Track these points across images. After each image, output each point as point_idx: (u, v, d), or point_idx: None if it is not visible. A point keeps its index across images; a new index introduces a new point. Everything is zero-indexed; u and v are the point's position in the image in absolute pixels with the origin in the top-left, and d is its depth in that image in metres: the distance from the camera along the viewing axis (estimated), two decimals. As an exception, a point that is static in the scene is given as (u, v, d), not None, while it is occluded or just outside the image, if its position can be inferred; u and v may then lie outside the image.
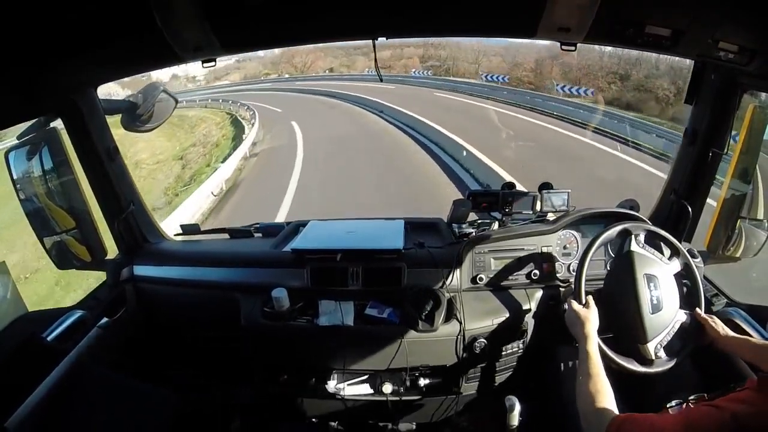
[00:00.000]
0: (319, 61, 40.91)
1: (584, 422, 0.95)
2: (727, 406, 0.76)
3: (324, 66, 41.08)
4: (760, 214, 1.47)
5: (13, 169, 1.42)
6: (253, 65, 44.11)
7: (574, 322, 1.21)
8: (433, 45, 33.05)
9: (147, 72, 1.56)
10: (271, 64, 42.05)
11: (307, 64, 40.87)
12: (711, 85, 1.39)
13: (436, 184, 7.84)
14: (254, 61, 43.97)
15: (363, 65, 38.45)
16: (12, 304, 1.58)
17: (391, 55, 37.11)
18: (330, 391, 1.74)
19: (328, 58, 41.23)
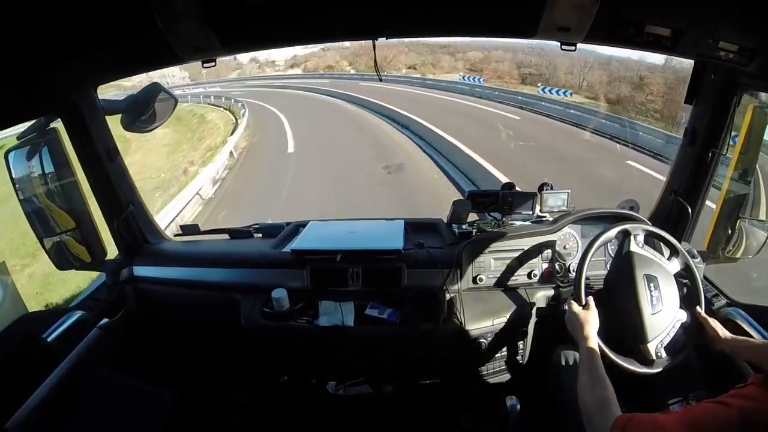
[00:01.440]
0: (401, 56, 38.08)
1: (587, 424, 0.95)
2: (733, 402, 0.76)
3: (407, 62, 38.37)
4: (760, 214, 1.47)
5: (13, 169, 1.42)
6: (331, 54, 43.30)
7: (575, 324, 1.21)
8: (525, 52, 29.23)
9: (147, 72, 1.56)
10: (352, 54, 40.36)
11: (388, 59, 36.86)
12: (711, 85, 1.40)
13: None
14: (332, 51, 43.16)
15: (449, 64, 35.90)
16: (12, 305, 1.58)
17: (483, 58, 35.00)
18: (330, 391, 1.74)
19: (412, 53, 38.62)
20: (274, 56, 45.88)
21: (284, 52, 45.18)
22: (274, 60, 45.87)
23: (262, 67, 46.88)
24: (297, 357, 1.66)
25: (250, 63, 46.22)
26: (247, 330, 1.59)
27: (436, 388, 1.68)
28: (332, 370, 1.73)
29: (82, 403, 1.30)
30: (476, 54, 36.49)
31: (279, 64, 45.77)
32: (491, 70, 32.43)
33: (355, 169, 9.33)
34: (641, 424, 0.81)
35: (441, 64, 36.96)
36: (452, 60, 36.60)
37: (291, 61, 46.09)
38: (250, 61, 46.22)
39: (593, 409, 0.94)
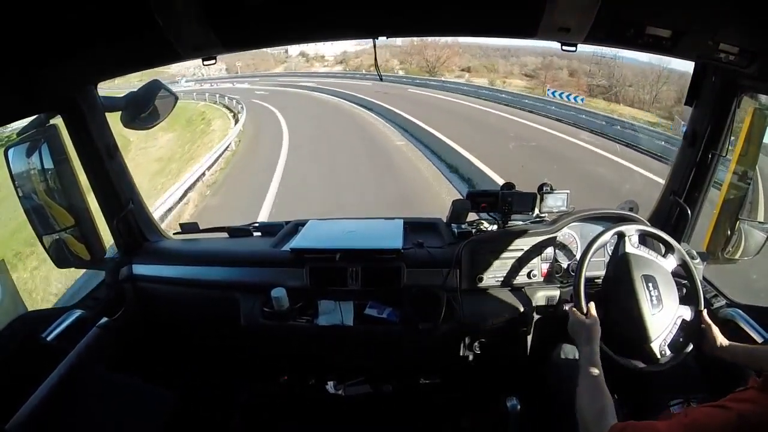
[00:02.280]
0: (455, 58, 35.30)
1: (583, 430, 0.95)
2: (731, 405, 0.76)
3: (460, 64, 35.33)
4: (760, 215, 1.48)
5: (13, 166, 1.41)
6: (380, 52, 41.71)
7: (577, 331, 1.21)
8: (596, 61, 24.14)
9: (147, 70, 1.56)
10: (403, 53, 37.47)
11: (440, 59, 34.96)
12: (711, 87, 1.40)
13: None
14: (382, 48, 41.50)
15: (504, 68, 33.19)
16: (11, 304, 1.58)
17: (541, 64, 31.90)
18: (329, 390, 1.75)
19: (466, 55, 35.82)
20: (323, 51, 42.90)
21: (334, 47, 41.92)
22: (324, 55, 43.23)
23: (311, 61, 44.81)
24: (296, 356, 1.66)
25: (298, 57, 44.48)
26: (246, 329, 1.59)
27: (436, 388, 1.68)
28: (332, 369, 1.74)
29: (82, 402, 1.30)
30: (533, 59, 33.20)
31: (328, 59, 43.20)
32: (550, 78, 29.12)
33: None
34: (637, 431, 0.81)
35: (496, 67, 34.49)
36: (506, 63, 34.15)
37: (340, 57, 43.39)
38: (299, 55, 44.46)
39: (590, 418, 0.95)
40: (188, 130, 17.32)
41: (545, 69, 31.20)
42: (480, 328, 1.56)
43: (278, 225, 1.92)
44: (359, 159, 9.87)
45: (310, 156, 10.33)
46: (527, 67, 33.42)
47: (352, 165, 9.38)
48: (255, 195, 7.39)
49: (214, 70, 43.71)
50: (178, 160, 12.69)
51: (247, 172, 9.52)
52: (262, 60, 45.94)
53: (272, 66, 45.12)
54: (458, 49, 34.83)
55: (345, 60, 42.80)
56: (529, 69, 33.13)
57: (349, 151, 10.78)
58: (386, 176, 8.49)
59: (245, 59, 45.14)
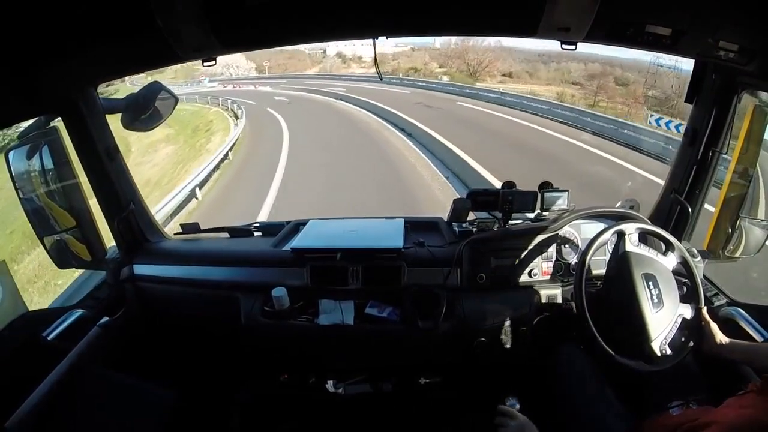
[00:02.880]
0: (497, 62, 32.63)
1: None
2: (727, 412, 0.75)
3: (503, 68, 32.54)
4: (760, 213, 1.48)
5: (13, 168, 1.42)
6: (419, 55, 38.58)
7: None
8: (653, 71, 20.47)
9: (147, 71, 1.56)
10: (443, 56, 35.62)
11: (482, 63, 32.37)
12: (711, 85, 1.40)
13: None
14: (421, 50, 38.31)
15: (547, 75, 30.54)
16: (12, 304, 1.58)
17: (585, 72, 28.98)
18: (330, 390, 1.75)
19: (509, 60, 32.98)
20: (361, 51, 40.41)
21: (371, 48, 40.92)
22: (361, 56, 40.61)
23: (348, 62, 42.47)
24: (297, 356, 1.66)
25: (335, 58, 42.56)
26: (247, 329, 1.59)
27: (436, 388, 1.68)
28: (332, 368, 1.74)
29: (82, 402, 1.30)
30: (575, 65, 30.24)
31: (366, 61, 39.82)
32: (598, 89, 25.73)
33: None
34: None
35: (538, 74, 31.34)
36: (547, 70, 31.56)
37: (378, 58, 42.06)
38: (336, 56, 42.55)
39: None
40: (189, 144, 15.98)
41: (592, 77, 28.04)
42: (480, 328, 1.56)
43: (279, 225, 1.92)
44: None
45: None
46: (571, 74, 30.66)
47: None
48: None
49: (243, 69, 42.49)
50: (163, 186, 10.35)
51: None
52: (298, 60, 44.43)
53: (308, 66, 43.44)
54: (502, 53, 32.11)
55: (382, 61, 40.43)
56: (573, 76, 30.27)
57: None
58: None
59: (277, 58, 43.55)
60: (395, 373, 1.75)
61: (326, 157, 9.87)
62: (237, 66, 43.18)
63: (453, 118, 13.76)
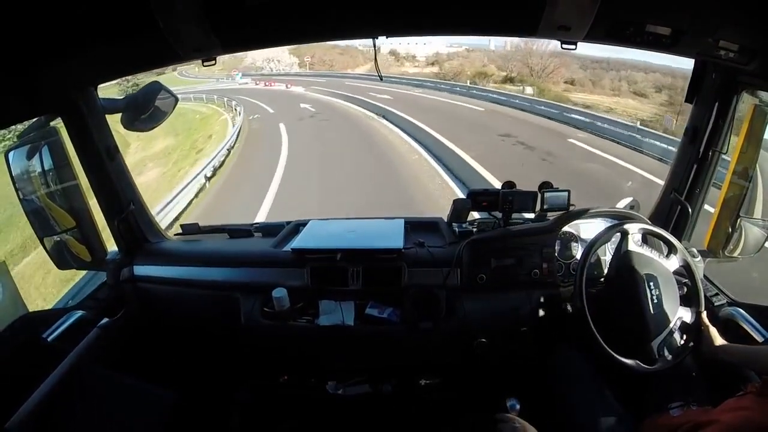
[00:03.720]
0: (562, 69, 28.84)
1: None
2: (723, 415, 0.75)
3: (566, 75, 29.13)
4: (761, 213, 1.47)
5: (13, 168, 1.42)
6: (477, 56, 34.78)
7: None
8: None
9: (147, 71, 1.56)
10: (502, 58, 32.11)
11: (546, 69, 28.85)
12: (711, 85, 1.40)
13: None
14: (478, 51, 34.60)
15: (610, 84, 27.26)
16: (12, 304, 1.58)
17: (651, 83, 25.64)
18: (330, 390, 1.74)
19: (573, 66, 29.16)
20: (415, 51, 38.16)
21: (426, 47, 37.75)
22: (414, 55, 38.20)
23: (401, 60, 39.22)
24: (297, 356, 1.66)
25: (388, 55, 38.02)
26: (247, 329, 1.59)
27: (436, 388, 1.68)
28: (332, 369, 1.73)
29: (82, 403, 1.30)
30: (642, 75, 26.87)
31: (419, 60, 37.96)
32: (668, 102, 21.90)
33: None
34: None
35: (601, 82, 27.93)
36: (611, 79, 28.14)
37: (432, 58, 37.96)
38: (389, 54, 38.25)
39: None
40: (177, 166, 12.52)
41: (657, 87, 24.96)
42: (480, 328, 1.56)
43: (279, 225, 1.92)
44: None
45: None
46: (637, 85, 27.21)
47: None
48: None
49: (285, 64, 40.36)
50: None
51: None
52: (350, 57, 40.58)
53: (359, 63, 39.46)
54: (567, 59, 27.55)
55: (438, 62, 37.33)
56: (639, 87, 26.91)
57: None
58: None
59: (323, 53, 40.35)
60: (395, 373, 1.74)
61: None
62: (278, 60, 41.42)
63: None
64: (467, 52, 37.14)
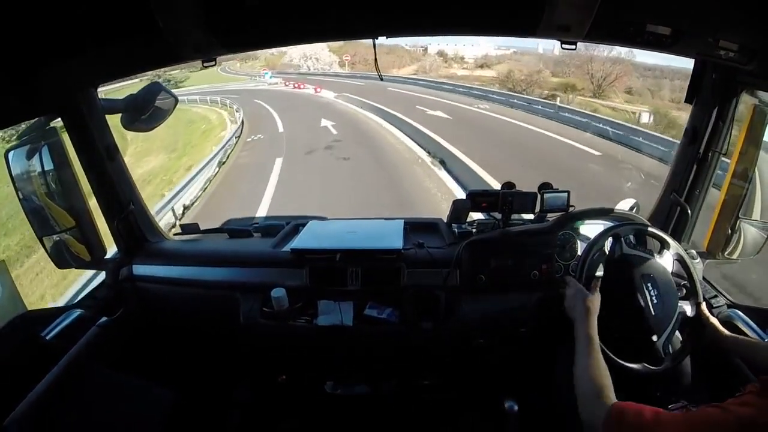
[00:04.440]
0: (625, 77, 25.53)
1: (582, 408, 0.94)
2: (732, 408, 0.76)
3: (627, 84, 25.65)
4: (760, 214, 1.47)
5: (13, 168, 1.42)
6: (530, 61, 30.81)
7: (575, 304, 1.19)
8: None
9: (147, 72, 1.56)
10: (560, 63, 28.29)
11: (608, 78, 25.34)
12: (711, 85, 1.39)
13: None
14: (531, 55, 30.85)
15: (671, 95, 22.21)
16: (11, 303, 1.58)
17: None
18: (328, 390, 1.74)
19: (634, 76, 25.93)
20: (464, 52, 35.55)
21: (474, 49, 35.21)
22: (463, 56, 35.69)
23: (449, 62, 36.50)
24: (296, 356, 1.66)
25: (435, 56, 36.68)
26: (246, 329, 1.59)
27: (436, 388, 1.68)
28: (331, 369, 1.73)
29: (81, 401, 1.30)
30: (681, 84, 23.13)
31: (468, 62, 35.21)
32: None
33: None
34: (639, 414, 0.80)
35: (661, 93, 24.19)
36: (672, 89, 23.67)
37: (481, 60, 34.97)
38: (436, 54, 36.75)
39: (589, 392, 0.94)
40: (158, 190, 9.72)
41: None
42: (480, 329, 1.55)
43: (278, 226, 1.92)
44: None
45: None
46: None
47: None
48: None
49: (324, 62, 37.58)
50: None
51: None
52: (397, 56, 37.49)
53: (405, 64, 37.15)
54: (629, 67, 24.83)
55: (486, 64, 34.13)
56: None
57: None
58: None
59: (365, 51, 32.93)
60: (394, 374, 1.74)
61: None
62: (316, 58, 38.98)
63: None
64: (519, 56, 33.28)
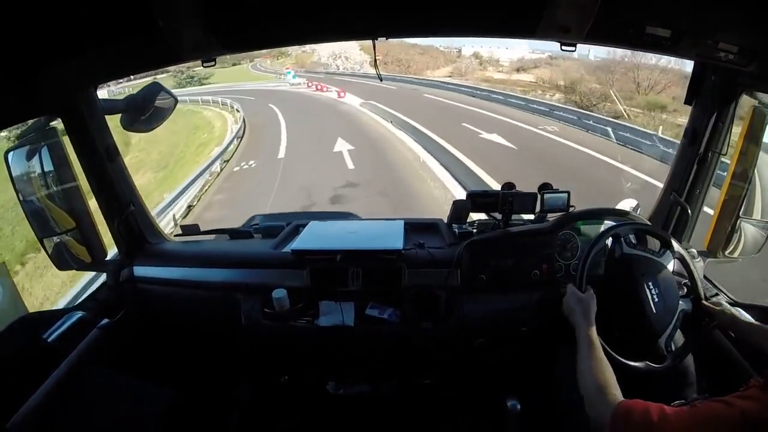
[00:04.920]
0: (673, 87, 20.69)
1: (589, 407, 0.94)
2: (735, 402, 0.76)
3: (673, 94, 20.25)
4: (760, 214, 1.48)
5: (13, 169, 1.42)
6: (571, 66, 26.02)
7: (573, 307, 1.21)
8: None
9: (147, 72, 1.56)
10: (598, 69, 23.95)
11: (656, 87, 21.69)
12: (711, 86, 1.40)
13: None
14: (571, 61, 25.90)
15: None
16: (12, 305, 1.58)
17: None
18: (330, 390, 1.75)
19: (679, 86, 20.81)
20: (498, 55, 33.07)
21: (509, 52, 32.66)
22: (498, 59, 33.12)
23: (484, 64, 33.69)
24: (297, 357, 1.66)
25: (471, 58, 34.00)
26: (247, 330, 1.59)
27: (437, 388, 1.68)
28: (332, 369, 1.74)
29: (83, 403, 1.30)
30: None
31: (503, 65, 32.67)
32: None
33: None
34: (646, 412, 0.81)
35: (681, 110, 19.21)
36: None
37: (517, 64, 32.00)
38: (472, 56, 34.07)
39: (594, 393, 0.94)
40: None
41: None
42: (480, 329, 1.56)
43: (279, 226, 1.92)
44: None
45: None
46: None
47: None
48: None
49: (354, 61, 35.24)
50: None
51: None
52: (430, 57, 35.47)
53: (439, 65, 34.80)
54: (674, 75, 20.80)
55: (523, 67, 31.12)
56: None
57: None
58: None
59: (398, 50, 33.36)
60: (395, 373, 1.75)
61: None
62: (346, 57, 36.31)
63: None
64: (561, 60, 28.63)
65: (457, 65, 33.95)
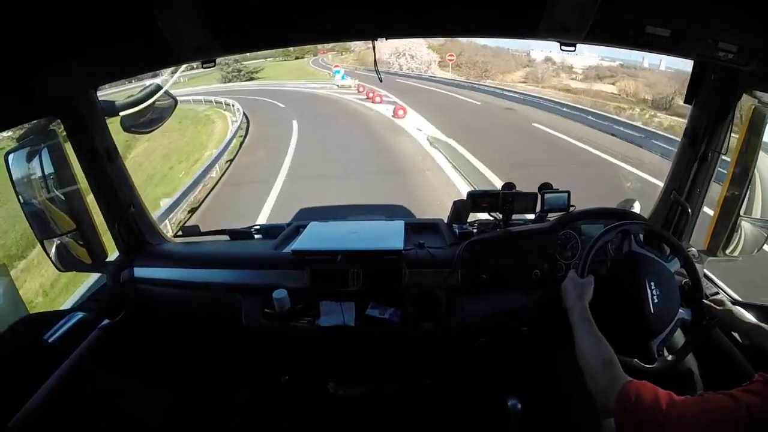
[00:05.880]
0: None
1: (591, 380, 0.95)
2: (741, 397, 0.76)
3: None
4: (760, 213, 1.48)
5: (13, 171, 1.42)
6: (657, 78, 23.21)
7: (569, 289, 1.24)
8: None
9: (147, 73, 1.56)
10: (685, 82, 7.60)
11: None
12: (711, 85, 1.40)
13: None
14: (657, 73, 23.55)
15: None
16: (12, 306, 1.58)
17: None
18: (331, 391, 1.75)
19: None
20: (572, 60, 28.63)
21: (581, 58, 28.39)
22: (572, 65, 29.44)
23: (557, 71, 30.02)
24: (298, 357, 1.66)
25: (545, 63, 30.78)
26: (248, 331, 1.59)
27: (437, 388, 1.68)
28: (333, 370, 1.74)
29: (83, 404, 1.30)
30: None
31: (577, 71, 29.32)
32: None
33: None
34: (656, 394, 0.81)
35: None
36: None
37: (592, 71, 28.67)
38: (545, 61, 30.84)
39: (597, 368, 0.94)
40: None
41: None
42: (481, 328, 1.56)
43: (279, 227, 1.92)
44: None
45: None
46: None
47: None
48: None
49: (421, 61, 31.81)
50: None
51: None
52: (502, 60, 32.30)
53: (512, 68, 31.56)
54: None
55: (599, 76, 27.85)
56: None
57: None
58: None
59: (470, 50, 30.96)
60: (396, 374, 1.75)
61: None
62: (411, 55, 31.57)
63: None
64: (623, 68, 27.24)
65: (532, 70, 30.85)
